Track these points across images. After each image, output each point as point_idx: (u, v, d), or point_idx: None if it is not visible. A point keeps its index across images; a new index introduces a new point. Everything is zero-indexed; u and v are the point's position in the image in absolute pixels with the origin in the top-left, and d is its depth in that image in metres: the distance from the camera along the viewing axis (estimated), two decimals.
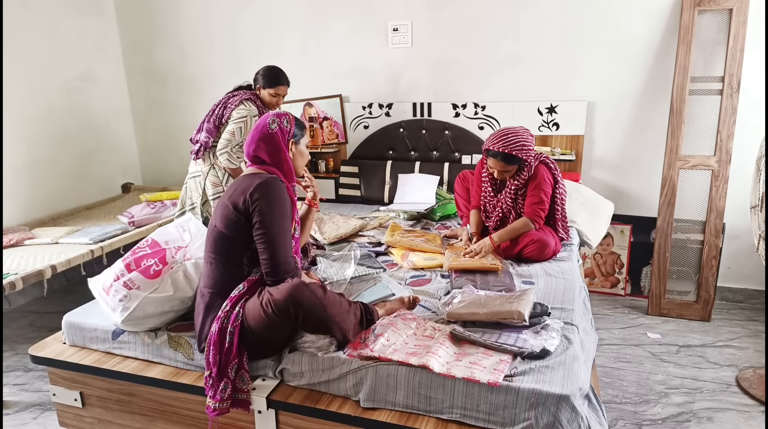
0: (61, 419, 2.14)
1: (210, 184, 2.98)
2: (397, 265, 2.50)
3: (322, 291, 1.71)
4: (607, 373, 2.59)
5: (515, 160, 2.47)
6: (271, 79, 2.93)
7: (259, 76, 2.96)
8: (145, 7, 4.14)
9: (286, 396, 1.72)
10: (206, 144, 2.94)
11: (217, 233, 1.81)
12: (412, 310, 2.00)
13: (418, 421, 1.59)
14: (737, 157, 3.04)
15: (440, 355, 1.63)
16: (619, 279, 3.50)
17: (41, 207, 3.66)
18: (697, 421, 2.25)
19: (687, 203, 3.14)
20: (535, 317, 1.81)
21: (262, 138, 1.88)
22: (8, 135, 3.40)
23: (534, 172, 2.54)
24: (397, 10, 3.58)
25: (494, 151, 2.46)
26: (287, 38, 3.86)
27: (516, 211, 2.61)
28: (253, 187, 1.76)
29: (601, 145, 3.40)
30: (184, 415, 1.90)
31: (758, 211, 2.45)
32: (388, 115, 3.78)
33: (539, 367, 1.59)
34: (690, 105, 3.05)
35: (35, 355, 2.05)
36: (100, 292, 1.93)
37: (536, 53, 3.38)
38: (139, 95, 4.38)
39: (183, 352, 1.88)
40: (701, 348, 2.84)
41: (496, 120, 3.54)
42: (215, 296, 1.79)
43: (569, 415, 1.46)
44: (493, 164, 2.52)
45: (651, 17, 3.13)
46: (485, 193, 2.70)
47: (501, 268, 2.33)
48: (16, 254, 2.90)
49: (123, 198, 4.16)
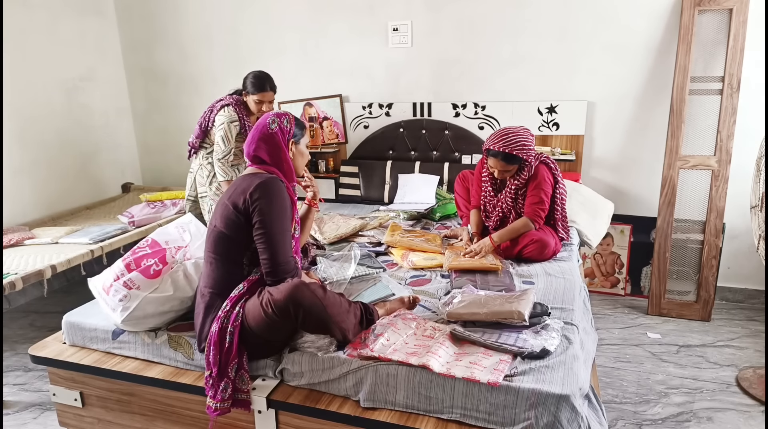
0: (61, 419, 2.14)
1: (198, 183, 3.08)
2: (397, 265, 2.50)
3: (322, 291, 1.71)
4: (607, 373, 2.59)
5: (515, 160, 2.47)
6: (256, 84, 2.88)
7: (247, 81, 2.92)
8: (145, 7, 4.14)
9: (286, 396, 1.72)
10: (193, 144, 3.04)
11: (217, 233, 1.81)
12: (412, 310, 2.00)
13: (418, 421, 1.59)
14: (737, 157, 3.04)
15: (440, 355, 1.63)
16: (619, 279, 3.50)
17: (41, 207, 3.66)
18: (697, 421, 2.25)
19: (687, 203, 3.14)
20: (535, 317, 1.81)
21: (262, 138, 1.88)
22: (8, 135, 3.40)
23: (534, 172, 2.54)
24: (397, 10, 3.58)
25: (494, 151, 2.46)
26: (287, 38, 3.86)
27: (516, 210, 2.61)
28: (253, 186, 1.76)
29: (601, 145, 3.40)
30: (184, 415, 1.90)
31: (758, 211, 2.45)
32: (388, 115, 3.78)
33: (539, 367, 1.59)
34: (690, 105, 3.05)
35: (35, 355, 2.05)
36: (100, 292, 1.93)
37: (536, 53, 3.38)
38: (139, 95, 4.38)
39: (183, 352, 1.88)
40: (701, 348, 2.84)
41: (496, 120, 3.54)
42: (215, 296, 1.79)
43: (569, 415, 1.47)
44: (493, 164, 2.52)
45: (651, 17, 3.13)
46: (485, 193, 2.70)
47: (501, 268, 2.33)
48: (16, 254, 2.90)
49: (123, 198, 4.16)
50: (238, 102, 2.95)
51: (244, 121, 2.92)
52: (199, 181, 3.07)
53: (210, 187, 3.03)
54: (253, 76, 2.91)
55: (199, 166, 3.06)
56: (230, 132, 2.88)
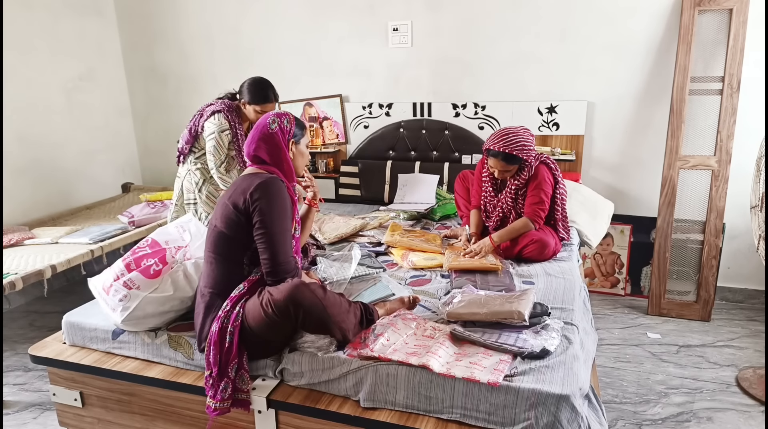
0: (61, 419, 2.14)
1: (186, 190, 2.88)
2: (397, 265, 2.50)
3: (322, 291, 1.71)
4: (607, 373, 2.59)
5: (516, 160, 2.47)
6: (259, 95, 2.67)
7: (244, 89, 2.70)
8: (145, 7, 4.14)
9: (286, 396, 1.72)
10: (182, 150, 2.84)
11: (217, 233, 1.81)
12: (412, 310, 2.00)
13: (418, 421, 1.59)
14: (737, 157, 3.04)
15: (440, 355, 1.63)
16: (619, 279, 3.50)
17: (41, 207, 3.66)
18: (697, 421, 2.25)
19: (687, 203, 3.14)
20: (535, 317, 1.81)
21: (262, 138, 1.88)
22: (8, 135, 3.40)
23: (534, 172, 2.54)
24: (397, 10, 3.58)
25: (495, 151, 2.46)
26: (287, 38, 3.86)
27: (516, 211, 2.61)
28: (253, 187, 1.76)
29: (601, 145, 3.40)
30: (184, 414, 1.90)
31: (758, 211, 2.45)
32: (388, 115, 3.78)
33: (539, 367, 1.59)
34: (690, 105, 3.05)
35: (35, 355, 2.05)
36: (100, 292, 1.93)
37: (536, 53, 3.38)
38: (139, 95, 4.38)
39: (183, 352, 1.88)
40: (701, 348, 2.84)
41: (496, 120, 3.54)
42: (215, 296, 1.79)
43: (569, 415, 1.46)
44: (493, 164, 2.52)
45: (651, 17, 3.13)
46: (486, 192, 2.70)
47: (501, 268, 2.33)
48: (16, 254, 2.90)
49: (123, 198, 4.16)
50: (230, 108, 2.74)
51: (236, 128, 2.73)
52: (187, 187, 2.87)
53: (199, 194, 2.84)
54: (252, 83, 2.69)
55: (188, 172, 2.85)
56: (222, 141, 2.69)
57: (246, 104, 2.71)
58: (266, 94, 2.68)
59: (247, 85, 2.70)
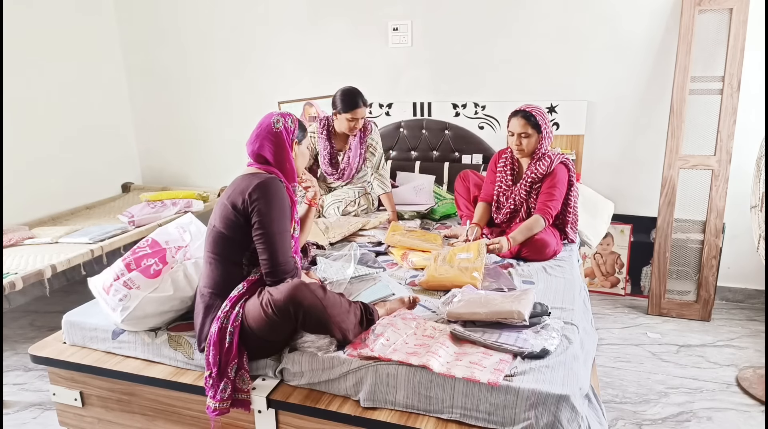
0: (61, 419, 2.14)
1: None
2: (397, 265, 2.50)
3: (322, 291, 1.71)
4: (607, 373, 2.59)
5: (535, 124, 2.52)
6: (347, 102, 2.86)
7: (336, 99, 2.89)
8: (145, 7, 4.14)
9: (286, 396, 1.72)
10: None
11: (216, 233, 1.80)
12: (412, 310, 2.00)
13: (418, 421, 1.59)
14: (737, 157, 3.04)
15: (440, 355, 1.63)
16: (619, 279, 3.50)
17: (41, 207, 3.66)
18: (697, 420, 2.25)
19: (687, 203, 3.14)
20: (535, 317, 1.81)
21: (267, 137, 1.87)
22: (8, 135, 3.40)
23: (553, 170, 2.56)
24: (397, 10, 3.58)
25: (517, 110, 2.57)
26: (287, 38, 3.86)
27: (528, 205, 2.63)
28: (252, 187, 1.76)
29: (601, 145, 3.40)
30: (184, 414, 1.90)
31: (758, 211, 2.45)
32: (388, 114, 3.78)
33: (539, 366, 1.59)
34: (690, 105, 3.05)
35: (35, 354, 2.04)
36: (100, 292, 1.93)
37: (536, 53, 3.38)
38: (139, 95, 4.38)
39: (183, 352, 1.88)
40: (701, 348, 2.84)
41: (497, 120, 3.54)
42: (215, 296, 1.79)
43: (569, 414, 1.46)
44: (514, 126, 2.57)
45: (651, 17, 3.13)
46: (501, 181, 2.72)
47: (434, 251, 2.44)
48: (16, 254, 2.89)
49: (123, 198, 4.17)
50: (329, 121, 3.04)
51: (331, 141, 3.07)
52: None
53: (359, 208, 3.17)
54: (342, 92, 2.88)
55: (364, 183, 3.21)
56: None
57: (337, 114, 2.93)
58: (355, 101, 2.86)
59: (338, 95, 2.91)
